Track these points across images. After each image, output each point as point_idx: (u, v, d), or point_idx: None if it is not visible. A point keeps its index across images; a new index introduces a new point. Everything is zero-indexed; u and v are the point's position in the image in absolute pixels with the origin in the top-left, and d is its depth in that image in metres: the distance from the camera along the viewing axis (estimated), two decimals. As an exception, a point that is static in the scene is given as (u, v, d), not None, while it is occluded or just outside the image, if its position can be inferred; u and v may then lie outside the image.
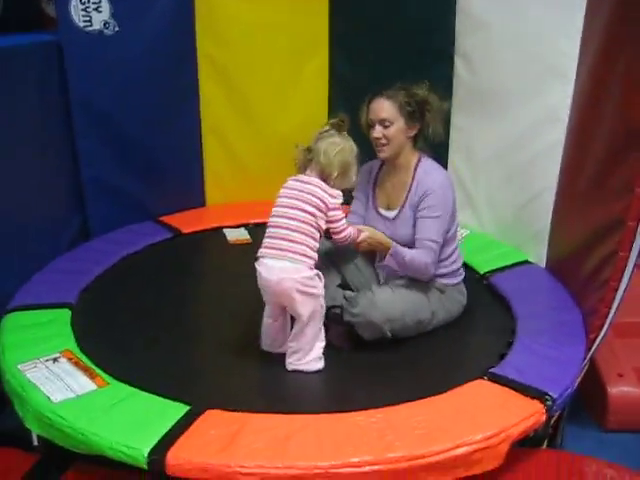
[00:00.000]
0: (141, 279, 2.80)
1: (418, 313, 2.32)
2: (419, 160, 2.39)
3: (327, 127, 2.20)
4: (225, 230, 3.27)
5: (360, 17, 3.23)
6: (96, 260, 2.84)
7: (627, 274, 2.12)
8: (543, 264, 2.81)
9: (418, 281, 2.36)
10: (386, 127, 2.32)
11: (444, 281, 2.42)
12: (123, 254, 2.92)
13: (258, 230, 3.27)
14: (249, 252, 3.06)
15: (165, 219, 3.30)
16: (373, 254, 2.57)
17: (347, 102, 3.35)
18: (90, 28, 2.86)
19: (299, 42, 3.30)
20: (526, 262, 2.83)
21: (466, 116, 3.03)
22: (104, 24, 2.89)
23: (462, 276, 2.50)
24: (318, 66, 3.36)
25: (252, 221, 3.31)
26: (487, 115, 2.96)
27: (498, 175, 2.99)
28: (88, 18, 2.85)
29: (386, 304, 2.25)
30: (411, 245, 2.34)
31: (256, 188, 3.37)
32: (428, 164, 2.39)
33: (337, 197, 2.11)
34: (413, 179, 2.37)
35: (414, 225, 2.34)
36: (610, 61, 2.17)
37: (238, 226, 3.30)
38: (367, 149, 2.36)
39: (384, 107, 2.33)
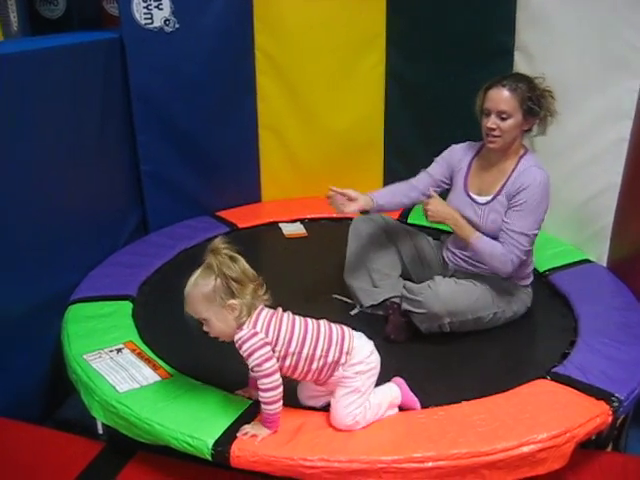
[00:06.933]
0: (199, 273, 2.84)
1: (479, 310, 2.30)
2: (524, 153, 2.32)
3: None
4: (281, 224, 3.29)
5: (417, 12, 3.20)
6: (155, 254, 2.89)
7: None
8: (604, 263, 2.76)
9: (485, 278, 2.33)
10: (503, 119, 2.23)
11: (517, 283, 2.38)
12: (181, 248, 2.97)
13: (314, 224, 3.31)
14: (305, 246, 3.12)
15: (221, 214, 3.33)
16: (440, 248, 2.57)
17: (403, 99, 3.35)
18: (151, 25, 2.91)
19: (356, 39, 3.30)
20: (586, 261, 2.77)
21: (526, 112, 2.98)
22: (165, 21, 2.93)
23: (531, 279, 2.45)
24: (374, 63, 3.34)
25: (308, 216, 3.35)
26: (548, 111, 2.90)
27: (558, 172, 2.90)
28: (149, 15, 2.89)
29: (449, 296, 2.23)
30: (497, 234, 2.29)
31: (311, 184, 3.39)
32: (532, 159, 2.30)
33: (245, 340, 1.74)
34: (514, 169, 2.29)
35: (505, 215, 2.28)
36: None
37: (294, 221, 3.32)
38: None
39: (504, 98, 2.22)
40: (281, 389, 1.72)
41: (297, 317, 1.82)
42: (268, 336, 1.73)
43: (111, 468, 1.90)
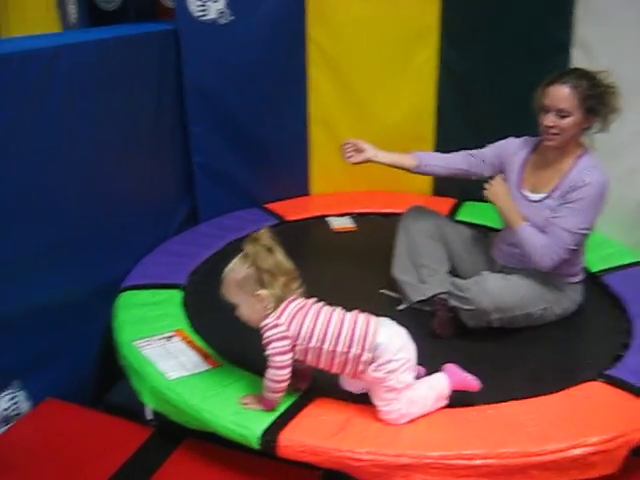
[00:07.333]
0: (247, 264, 2.86)
1: (528, 306, 2.26)
2: (584, 153, 2.25)
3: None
4: (329, 218, 3.29)
5: (472, 7, 3.16)
6: (205, 244, 2.91)
7: None
8: (661, 266, 2.69)
9: (533, 274, 2.29)
10: (562, 117, 2.17)
11: (566, 279, 2.34)
12: (230, 239, 2.97)
13: (362, 219, 3.30)
14: (354, 240, 3.11)
15: (270, 206, 3.34)
16: (488, 245, 2.53)
17: (455, 94, 3.31)
18: (206, 17, 2.93)
19: (409, 33, 3.26)
20: (641, 263, 2.71)
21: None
22: (219, 13, 2.95)
23: (581, 276, 2.40)
24: (427, 57, 3.29)
25: (357, 210, 3.34)
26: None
27: (614, 172, 2.84)
28: (204, 8, 2.92)
29: (497, 292, 2.19)
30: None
31: (361, 178, 3.38)
32: (591, 159, 2.24)
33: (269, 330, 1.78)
34: (572, 169, 2.23)
35: (556, 210, 2.23)
36: None
37: (342, 215, 3.31)
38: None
39: (564, 96, 2.16)
40: (285, 385, 1.78)
41: (323, 310, 1.81)
42: (290, 330, 1.76)
43: (160, 453, 1.93)
